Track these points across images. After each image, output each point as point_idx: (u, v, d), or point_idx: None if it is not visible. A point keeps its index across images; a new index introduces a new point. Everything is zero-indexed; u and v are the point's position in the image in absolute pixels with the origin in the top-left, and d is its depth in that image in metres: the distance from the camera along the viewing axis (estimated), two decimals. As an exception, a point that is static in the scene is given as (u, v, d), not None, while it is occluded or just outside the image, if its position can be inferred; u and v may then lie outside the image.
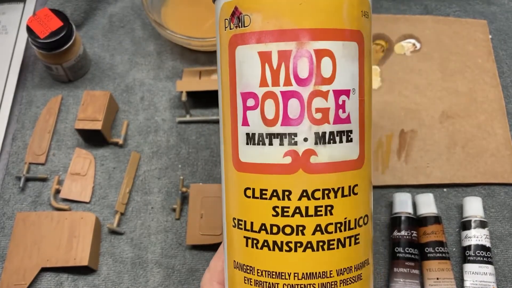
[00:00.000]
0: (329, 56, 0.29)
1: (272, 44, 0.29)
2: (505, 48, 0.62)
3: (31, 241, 0.50)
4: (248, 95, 0.30)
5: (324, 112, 0.29)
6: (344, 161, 0.30)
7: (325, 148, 0.29)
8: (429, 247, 0.48)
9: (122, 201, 0.53)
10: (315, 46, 0.29)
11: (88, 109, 0.54)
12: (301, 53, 0.29)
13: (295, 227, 0.30)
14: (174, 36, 0.57)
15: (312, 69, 0.29)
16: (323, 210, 0.30)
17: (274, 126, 0.29)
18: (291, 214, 0.30)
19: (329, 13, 0.29)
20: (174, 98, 0.59)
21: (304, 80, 0.29)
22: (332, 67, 0.29)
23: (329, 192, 0.30)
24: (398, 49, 0.61)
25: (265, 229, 0.30)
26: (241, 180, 0.31)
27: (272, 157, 0.30)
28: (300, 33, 0.29)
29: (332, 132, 0.29)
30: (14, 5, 0.66)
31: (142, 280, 0.50)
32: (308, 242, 0.30)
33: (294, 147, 0.29)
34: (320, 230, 0.30)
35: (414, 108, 0.57)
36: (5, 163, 0.56)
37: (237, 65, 0.30)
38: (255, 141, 0.30)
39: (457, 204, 0.53)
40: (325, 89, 0.29)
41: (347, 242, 0.30)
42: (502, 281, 0.49)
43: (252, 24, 0.29)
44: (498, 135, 0.56)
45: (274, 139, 0.30)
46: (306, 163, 0.29)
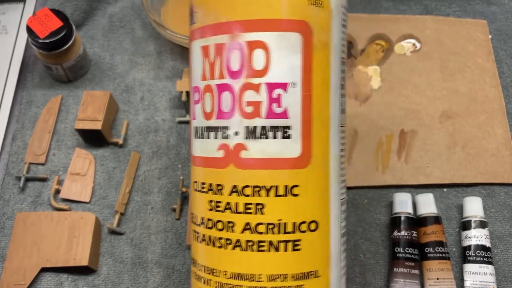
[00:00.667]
0: (262, 47, 0.28)
1: (211, 38, 0.29)
2: (505, 48, 0.62)
3: (31, 241, 0.50)
4: (195, 90, 0.30)
5: (256, 106, 0.28)
6: (279, 158, 0.28)
7: (256, 143, 0.28)
8: (429, 247, 0.48)
9: (122, 201, 0.53)
10: (247, 37, 0.28)
11: (88, 109, 0.54)
12: (233, 46, 0.28)
13: (226, 223, 0.29)
14: (174, 36, 0.57)
15: (243, 62, 0.28)
16: (253, 208, 0.28)
17: (211, 119, 0.29)
18: (222, 209, 0.29)
19: (263, 3, 0.28)
20: (174, 98, 0.59)
21: (235, 72, 0.28)
22: (266, 59, 0.28)
23: (259, 189, 0.28)
24: (398, 49, 0.61)
25: (203, 222, 0.30)
26: (193, 173, 0.31)
27: (209, 150, 0.29)
28: (233, 25, 0.28)
29: (264, 127, 0.28)
30: (14, 5, 0.66)
31: (142, 280, 0.50)
32: (237, 240, 0.28)
33: (226, 140, 0.28)
34: (250, 229, 0.28)
35: (414, 108, 0.57)
36: (5, 163, 0.56)
37: (191, 60, 0.31)
38: (198, 134, 0.30)
39: (457, 204, 0.53)
40: (256, 81, 0.28)
41: (282, 246, 0.28)
42: (502, 281, 0.49)
43: (198, 20, 0.29)
44: (498, 135, 0.56)
45: (211, 133, 0.29)
46: (237, 158, 0.28)
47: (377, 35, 0.62)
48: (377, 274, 0.49)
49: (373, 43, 0.61)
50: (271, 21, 0.27)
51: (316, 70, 0.29)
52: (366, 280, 0.49)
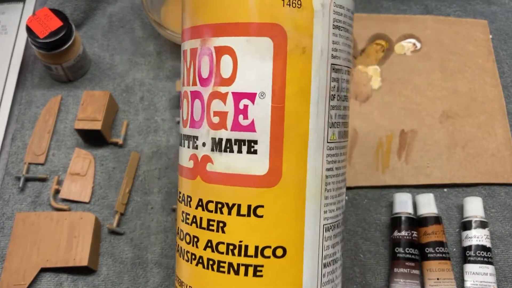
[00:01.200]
0: (230, 54, 0.26)
1: (187, 43, 0.27)
2: (505, 48, 0.62)
3: (31, 241, 0.50)
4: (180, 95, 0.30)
5: (222, 116, 0.26)
6: (243, 174, 0.26)
7: (221, 157, 0.26)
8: (430, 247, 0.48)
9: (122, 201, 0.53)
10: (216, 43, 0.26)
11: (88, 109, 0.54)
12: (203, 51, 0.26)
13: (192, 236, 0.27)
14: (174, 36, 0.56)
15: (212, 68, 0.26)
16: (215, 225, 0.26)
17: (186, 127, 0.28)
18: (190, 222, 0.28)
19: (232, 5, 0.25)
20: (174, 98, 0.59)
21: (205, 80, 0.26)
22: (233, 66, 0.26)
23: (222, 206, 0.26)
24: (398, 49, 0.61)
25: (178, 233, 0.29)
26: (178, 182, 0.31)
27: (184, 160, 0.28)
28: (204, 29, 0.26)
29: (229, 140, 0.26)
30: (13, 4, 0.66)
31: (142, 280, 0.49)
32: (200, 256, 0.27)
33: (196, 151, 0.27)
34: (211, 247, 0.26)
35: (414, 108, 0.57)
36: (4, 163, 0.56)
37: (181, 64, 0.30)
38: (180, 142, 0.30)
39: (457, 204, 0.53)
40: (224, 90, 0.26)
41: (242, 270, 0.26)
42: (502, 281, 0.49)
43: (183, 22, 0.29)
44: (499, 135, 0.56)
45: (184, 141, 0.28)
46: (203, 170, 0.27)
47: (377, 35, 0.62)
48: (377, 274, 0.49)
49: (373, 43, 0.61)
50: (239, 24, 0.25)
51: (292, 79, 0.26)
52: (366, 280, 0.49)
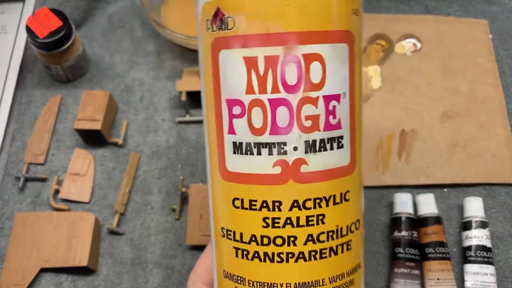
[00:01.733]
0: (319, 60, 0.27)
1: (258, 49, 0.27)
2: (505, 48, 0.61)
3: (31, 242, 0.49)
4: (233, 102, 0.28)
5: (314, 120, 0.28)
6: (335, 168, 0.29)
7: (316, 157, 0.28)
8: (430, 247, 0.48)
9: (122, 201, 0.53)
10: (304, 50, 0.27)
11: (88, 109, 0.54)
12: (289, 59, 0.27)
13: (286, 238, 0.29)
14: (174, 36, 0.56)
15: (301, 75, 0.27)
16: (314, 220, 0.28)
17: (263, 135, 0.28)
18: (282, 225, 0.28)
19: (318, 14, 0.27)
20: (174, 98, 0.59)
21: (292, 87, 0.27)
22: (322, 72, 0.27)
23: (320, 201, 0.28)
24: (399, 49, 0.61)
25: (255, 240, 0.29)
26: (229, 190, 0.30)
27: (261, 167, 0.28)
28: (288, 37, 0.27)
29: (322, 140, 0.28)
30: (13, 4, 0.65)
31: (142, 280, 0.49)
32: (300, 252, 0.29)
33: (284, 156, 0.28)
34: (312, 240, 0.29)
35: (415, 108, 0.57)
36: (4, 163, 0.56)
37: (221, 70, 0.28)
38: (242, 150, 0.29)
39: (457, 204, 0.53)
40: (314, 95, 0.27)
41: (339, 249, 0.29)
42: (502, 281, 0.49)
43: (236, 27, 0.27)
44: (499, 135, 0.55)
45: (263, 149, 0.28)
46: (297, 173, 0.28)
47: (377, 34, 0.62)
48: (378, 274, 0.49)
49: (373, 43, 0.61)
50: (326, 32, 0.27)
51: (356, 79, 0.29)
52: (367, 280, 0.49)
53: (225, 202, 0.30)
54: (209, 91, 0.30)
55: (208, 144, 0.31)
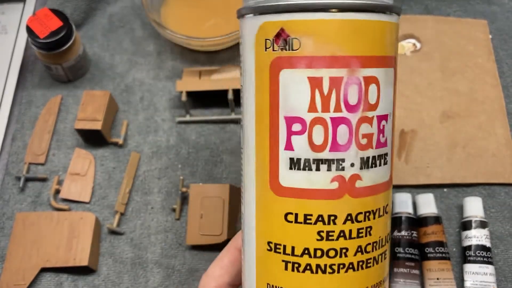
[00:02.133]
0: (375, 82, 0.30)
1: (324, 70, 0.29)
2: (505, 48, 0.62)
3: (31, 242, 0.50)
4: (293, 120, 0.30)
5: (369, 138, 0.30)
6: (381, 183, 0.31)
7: (368, 172, 0.30)
8: (429, 247, 0.48)
9: (122, 201, 0.53)
10: (364, 73, 0.29)
11: (88, 109, 0.54)
12: (352, 80, 0.29)
13: (339, 250, 0.30)
14: (174, 36, 0.56)
15: (361, 96, 0.29)
16: (364, 232, 0.30)
17: (322, 151, 0.30)
18: (335, 238, 0.30)
19: (376, 40, 0.29)
20: (174, 98, 0.59)
21: (353, 106, 0.29)
22: (377, 93, 0.30)
23: (369, 214, 0.31)
24: (399, 49, 0.61)
25: (308, 253, 0.30)
26: (282, 204, 0.31)
27: (319, 183, 0.30)
28: (351, 60, 0.29)
29: (374, 157, 0.30)
30: (13, 5, 0.66)
31: (142, 280, 0.49)
32: (350, 263, 0.30)
33: (342, 172, 0.30)
34: (361, 251, 0.31)
35: (415, 108, 0.57)
36: (4, 163, 0.56)
37: (281, 88, 0.30)
38: (300, 166, 0.30)
39: (457, 204, 0.53)
40: (370, 115, 0.30)
41: (380, 258, 0.32)
42: (502, 281, 0.49)
43: (302, 48, 0.29)
44: (499, 135, 0.56)
45: (322, 165, 0.30)
46: (352, 188, 0.30)
47: (377, 35, 0.62)
48: (378, 275, 0.49)
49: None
50: (381, 58, 0.30)
51: (395, 100, 0.32)
52: (366, 280, 0.49)
53: (275, 217, 0.31)
54: (262, 107, 0.31)
55: (254, 159, 0.31)
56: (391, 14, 0.30)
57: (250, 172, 0.32)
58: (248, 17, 0.31)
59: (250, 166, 0.32)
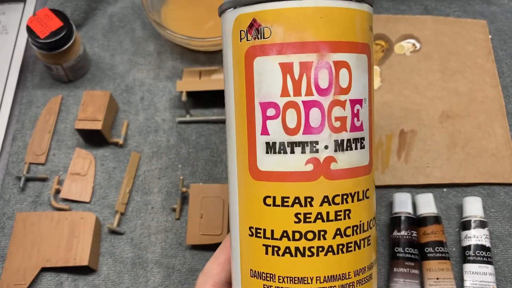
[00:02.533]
0: (346, 67, 0.30)
1: (294, 56, 0.30)
2: (505, 48, 0.62)
3: (31, 241, 0.50)
4: (268, 105, 0.31)
5: (343, 121, 0.30)
6: (358, 167, 0.31)
7: (344, 155, 0.31)
8: (429, 247, 0.48)
9: (122, 201, 0.53)
10: (334, 58, 0.30)
11: (88, 109, 0.54)
12: (321, 65, 0.30)
13: (317, 232, 0.31)
14: (174, 36, 0.57)
15: (331, 80, 0.30)
16: (342, 215, 0.31)
17: (296, 134, 0.30)
18: (313, 220, 0.31)
19: (345, 26, 0.30)
20: (174, 98, 0.59)
21: (324, 90, 0.30)
22: (349, 78, 0.30)
23: (347, 197, 0.31)
24: (398, 49, 0.61)
25: (286, 236, 0.31)
26: (260, 188, 0.31)
27: (294, 165, 0.30)
28: (320, 45, 0.30)
29: (349, 140, 0.31)
30: (14, 5, 0.66)
31: (142, 280, 0.50)
32: (329, 246, 0.31)
33: (316, 154, 0.30)
34: (340, 234, 0.31)
35: (414, 108, 0.57)
36: (5, 163, 0.56)
37: (256, 76, 0.31)
38: (275, 149, 0.31)
39: (457, 204, 0.53)
40: (343, 98, 0.30)
41: (362, 243, 0.32)
42: (502, 281, 0.49)
43: (272, 36, 0.30)
44: (498, 135, 0.56)
45: (296, 148, 0.30)
46: (327, 170, 0.30)
47: (377, 35, 0.62)
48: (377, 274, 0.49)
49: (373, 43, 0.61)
50: (352, 43, 0.31)
51: (372, 87, 0.33)
52: (366, 280, 0.49)
53: (254, 201, 0.32)
54: (240, 95, 0.32)
55: (235, 146, 0.32)
56: (361, 3, 0.31)
57: (232, 159, 0.33)
58: (226, 12, 0.32)
59: (232, 154, 0.32)
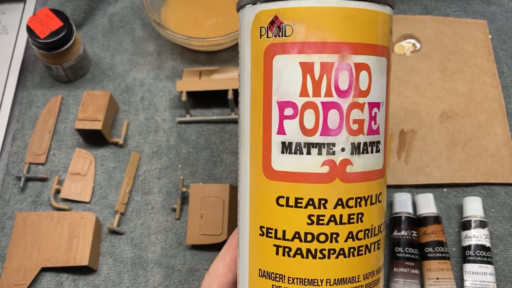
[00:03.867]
0: (366, 70, 0.30)
1: (315, 56, 0.30)
2: (505, 48, 0.62)
3: (31, 241, 0.50)
4: (286, 104, 0.30)
5: (360, 123, 0.30)
6: (373, 170, 0.31)
7: (359, 158, 0.30)
8: (429, 247, 0.48)
9: (122, 201, 0.53)
10: (355, 59, 0.30)
11: (88, 109, 0.54)
12: (342, 66, 0.29)
13: (329, 234, 0.30)
14: (174, 36, 0.57)
15: (351, 82, 0.30)
16: (355, 218, 0.31)
17: (313, 135, 0.30)
18: (326, 222, 0.30)
19: (367, 29, 0.30)
20: (174, 98, 0.59)
21: (344, 92, 0.30)
22: (368, 80, 0.30)
23: (361, 200, 0.31)
24: (398, 49, 0.61)
25: (298, 237, 0.31)
26: (273, 188, 0.31)
27: (310, 166, 0.30)
28: (342, 46, 0.29)
29: (365, 143, 0.31)
30: (14, 5, 0.66)
31: (142, 280, 0.50)
32: (341, 249, 0.30)
33: (332, 156, 0.30)
34: (352, 237, 0.31)
35: (414, 108, 0.57)
36: (5, 163, 0.56)
37: (275, 74, 0.30)
38: (291, 150, 0.30)
39: (457, 204, 0.53)
40: (362, 101, 0.30)
41: (373, 247, 0.32)
42: (502, 281, 0.49)
43: (294, 34, 0.30)
44: (498, 135, 0.56)
45: (313, 149, 0.30)
46: (343, 173, 0.30)
47: (377, 35, 0.62)
48: (377, 274, 0.49)
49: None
50: (373, 46, 0.30)
51: (389, 91, 0.33)
52: (366, 280, 0.49)
53: (267, 201, 0.31)
54: (257, 94, 0.31)
55: (249, 145, 0.32)
56: (383, 5, 0.30)
57: (245, 158, 0.32)
58: (246, 7, 0.31)
59: (245, 153, 0.32)
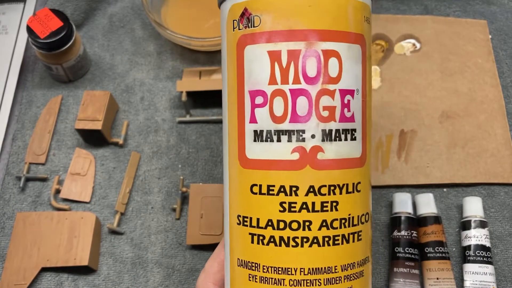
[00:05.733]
0: (336, 56, 0.30)
1: (282, 44, 0.30)
2: (505, 48, 0.62)
3: (31, 241, 0.50)
4: (256, 93, 0.31)
5: (331, 110, 0.30)
6: (348, 158, 0.31)
7: (331, 145, 0.30)
8: (429, 247, 0.48)
9: (122, 201, 0.53)
10: (323, 46, 0.30)
11: (88, 109, 0.54)
12: (309, 53, 0.30)
13: (302, 222, 0.30)
14: (174, 36, 0.57)
15: (320, 68, 0.30)
16: (329, 206, 0.30)
17: (283, 123, 0.30)
18: (298, 209, 0.30)
19: (336, 15, 0.30)
20: (174, 98, 0.59)
21: (312, 78, 0.30)
22: (339, 67, 0.30)
23: (334, 188, 0.30)
24: (398, 49, 0.61)
25: (271, 225, 0.31)
26: (248, 176, 0.31)
27: (280, 153, 0.30)
28: (309, 34, 0.29)
29: (338, 130, 0.30)
30: (14, 5, 0.66)
31: (142, 280, 0.50)
32: (314, 237, 0.30)
33: (302, 143, 0.30)
34: (326, 226, 0.30)
35: (414, 108, 0.57)
36: (5, 163, 0.56)
37: (246, 64, 0.31)
38: (263, 137, 0.31)
39: (457, 204, 0.53)
40: (332, 88, 0.30)
41: (351, 238, 0.31)
42: (502, 281, 0.49)
43: (262, 24, 0.30)
44: (498, 135, 0.56)
45: (283, 136, 0.30)
46: (314, 159, 0.30)
47: (377, 35, 0.62)
48: (377, 274, 0.49)
49: (373, 43, 0.61)
50: (343, 33, 0.30)
51: (367, 79, 0.32)
52: (366, 280, 0.49)
53: (242, 189, 0.32)
54: (232, 84, 0.32)
55: (227, 136, 0.32)
56: None
57: (225, 149, 0.33)
58: (223, 3, 0.32)
59: (225, 143, 0.32)
